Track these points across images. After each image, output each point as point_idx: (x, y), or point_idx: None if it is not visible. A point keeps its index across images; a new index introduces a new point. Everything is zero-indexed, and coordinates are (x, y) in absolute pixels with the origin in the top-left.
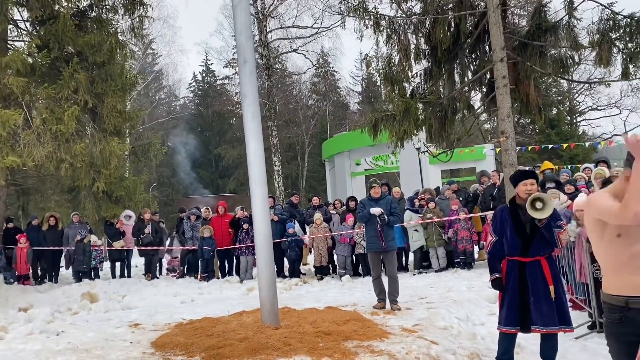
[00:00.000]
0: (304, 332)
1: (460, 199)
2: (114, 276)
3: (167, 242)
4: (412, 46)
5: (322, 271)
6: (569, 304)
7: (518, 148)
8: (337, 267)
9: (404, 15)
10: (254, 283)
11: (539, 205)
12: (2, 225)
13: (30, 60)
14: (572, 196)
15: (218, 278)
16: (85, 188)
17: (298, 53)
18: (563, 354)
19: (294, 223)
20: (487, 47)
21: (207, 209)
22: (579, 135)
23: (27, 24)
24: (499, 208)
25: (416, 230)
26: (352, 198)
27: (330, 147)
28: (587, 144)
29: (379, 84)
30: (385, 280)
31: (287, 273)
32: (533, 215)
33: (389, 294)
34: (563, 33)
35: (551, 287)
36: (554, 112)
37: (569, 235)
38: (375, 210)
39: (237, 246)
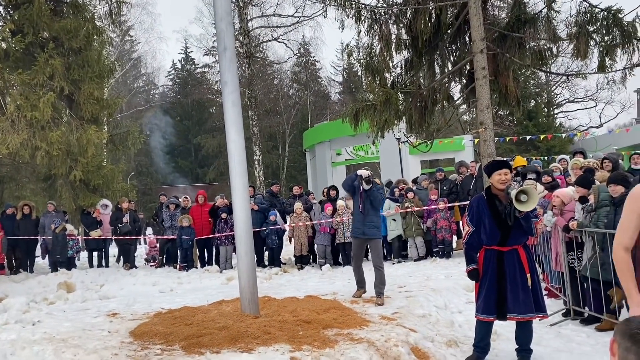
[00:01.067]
0: (284, 321)
1: (445, 188)
2: (91, 266)
3: (148, 231)
4: (393, 36)
5: (302, 260)
6: (544, 292)
7: (496, 139)
8: (317, 256)
9: (385, 5)
10: (234, 272)
11: (523, 197)
12: None
13: (3, 45)
14: (549, 186)
15: (197, 268)
16: (62, 176)
17: (279, 42)
18: (538, 340)
19: (275, 212)
20: (467, 39)
21: (185, 198)
22: (556, 127)
23: (1, 8)
24: (475, 198)
25: (394, 219)
26: (333, 187)
27: (311, 137)
28: (564, 135)
29: (360, 74)
30: (366, 268)
31: (267, 262)
32: (519, 208)
33: (374, 285)
34: (542, 25)
35: (528, 276)
36: (532, 104)
37: (545, 225)
38: (363, 172)
39: (217, 235)
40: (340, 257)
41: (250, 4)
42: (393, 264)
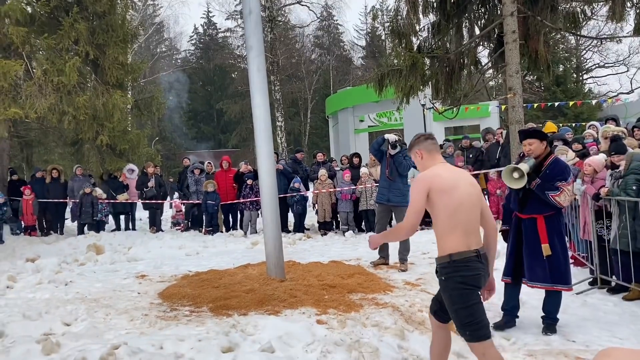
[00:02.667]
0: (309, 285)
1: (470, 155)
2: (118, 229)
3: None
4: None
5: (325, 227)
6: (570, 260)
7: (524, 105)
8: (340, 223)
9: None
10: (258, 237)
11: (516, 175)
12: (7, 177)
13: (29, 9)
14: (580, 154)
15: (222, 232)
16: (89, 141)
17: (302, 5)
18: (563, 309)
19: (299, 179)
20: (496, 1)
21: (209, 163)
22: (584, 93)
23: None
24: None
25: None
26: (356, 154)
27: (334, 103)
28: (593, 101)
29: (384, 38)
30: None
31: (290, 228)
32: (507, 184)
33: (398, 252)
34: None
35: (544, 246)
36: (561, 69)
37: (574, 194)
38: (390, 136)
39: (241, 201)
40: (363, 224)
41: None
42: (417, 230)
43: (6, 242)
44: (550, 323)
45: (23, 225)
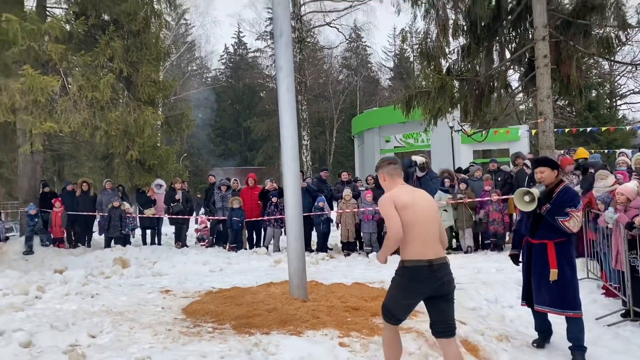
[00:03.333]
0: (332, 306)
1: (499, 179)
2: (144, 243)
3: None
4: (451, 21)
5: (349, 247)
6: (602, 290)
7: (555, 130)
8: (364, 244)
9: None
10: (281, 255)
11: (527, 198)
12: (39, 189)
13: (68, 27)
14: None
15: (246, 249)
16: (119, 156)
17: (331, 27)
18: (595, 340)
19: (324, 198)
20: (528, 25)
21: (235, 180)
22: (618, 119)
23: None
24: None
25: (445, 210)
26: None
27: (360, 123)
28: (627, 128)
29: (412, 59)
30: None
31: (313, 247)
32: (517, 206)
33: None
34: (610, 12)
35: (553, 271)
36: (594, 94)
37: (607, 222)
38: (418, 158)
39: (266, 218)
40: None
41: None
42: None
43: (36, 252)
44: (577, 351)
45: (52, 237)
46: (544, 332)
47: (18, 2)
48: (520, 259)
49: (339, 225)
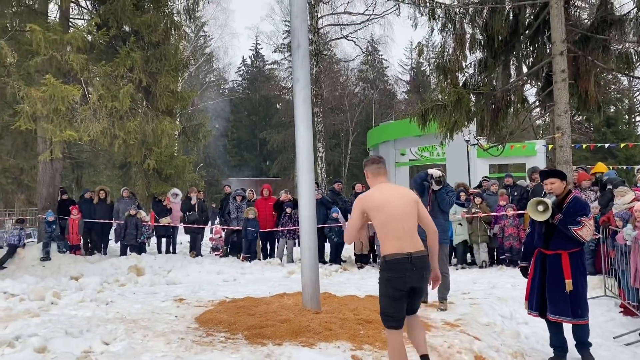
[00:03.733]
0: (345, 319)
1: (515, 194)
2: (159, 252)
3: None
4: (468, 36)
5: (362, 259)
6: (619, 309)
7: (572, 146)
8: (377, 256)
9: (460, 4)
10: (295, 267)
11: (540, 208)
12: (58, 196)
13: (89, 38)
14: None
15: (260, 259)
16: (137, 165)
17: (348, 40)
18: (612, 359)
19: (337, 209)
20: (546, 40)
21: (251, 191)
22: (637, 135)
23: (88, 3)
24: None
25: (460, 224)
26: None
27: (376, 136)
28: None
29: (428, 73)
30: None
31: (327, 259)
32: (531, 216)
33: (438, 290)
34: (630, 27)
35: (568, 281)
36: (612, 110)
37: (625, 239)
38: (434, 171)
39: (280, 229)
40: None
41: (322, 2)
42: (457, 269)
43: (53, 259)
44: (584, 351)
45: (69, 244)
46: (559, 348)
47: (42, 13)
48: (531, 270)
49: None
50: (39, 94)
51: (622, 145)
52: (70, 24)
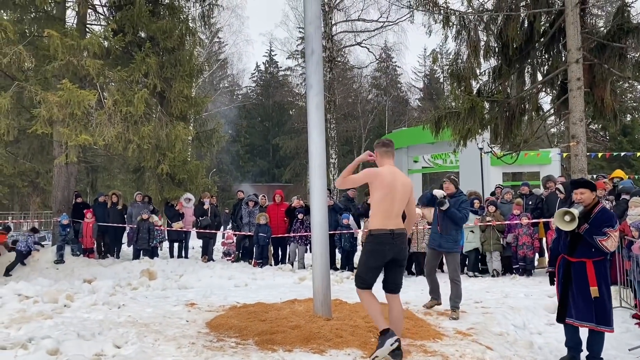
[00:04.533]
0: (356, 326)
1: (530, 202)
2: (172, 256)
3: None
4: (482, 43)
5: None
6: (635, 320)
7: (587, 154)
8: None
9: (475, 11)
10: (306, 273)
11: (567, 218)
12: (72, 200)
13: (106, 43)
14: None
15: (271, 265)
16: (150, 169)
17: (362, 46)
18: None
19: (349, 215)
20: (561, 47)
21: (263, 196)
22: None
23: (105, 9)
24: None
25: (472, 231)
26: None
27: None
28: None
29: (442, 80)
30: (441, 281)
31: (338, 265)
32: (558, 225)
33: (450, 298)
34: None
35: (593, 288)
36: (628, 118)
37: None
38: (438, 192)
39: (292, 235)
40: (413, 266)
41: (336, 9)
42: (469, 276)
43: (67, 262)
44: (578, 354)
45: (82, 247)
46: (574, 348)
47: (59, 19)
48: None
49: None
50: (55, 98)
51: (639, 154)
52: (87, 29)
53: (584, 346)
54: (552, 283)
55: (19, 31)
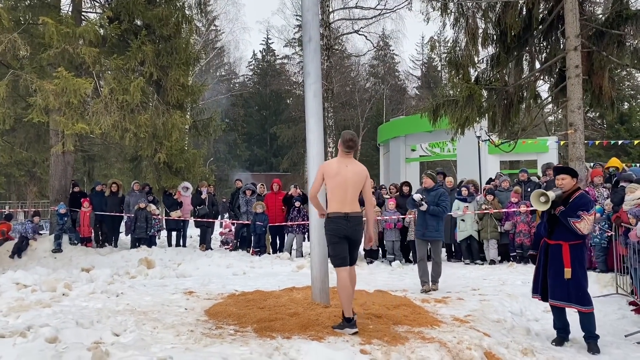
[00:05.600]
0: (354, 313)
1: (528, 189)
2: (170, 245)
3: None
4: (480, 31)
5: (371, 255)
6: (631, 306)
7: (584, 142)
8: (387, 252)
9: None
10: (304, 261)
11: (542, 199)
12: (69, 189)
13: (101, 31)
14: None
15: (269, 253)
16: (147, 158)
17: (359, 34)
18: (623, 358)
19: None
20: (560, 35)
21: (262, 185)
22: None
23: None
24: None
25: (462, 220)
26: (406, 183)
27: (386, 131)
28: None
29: (440, 68)
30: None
31: None
32: (534, 206)
33: (431, 275)
34: None
35: (567, 270)
36: (626, 106)
37: (638, 237)
38: (416, 196)
39: (289, 223)
40: (411, 254)
41: None
42: (466, 264)
43: (64, 251)
44: (591, 341)
45: (80, 236)
46: (561, 330)
47: (55, 7)
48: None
49: None
50: (51, 86)
51: (636, 142)
52: (82, 17)
53: (571, 328)
54: (534, 263)
55: (14, 19)
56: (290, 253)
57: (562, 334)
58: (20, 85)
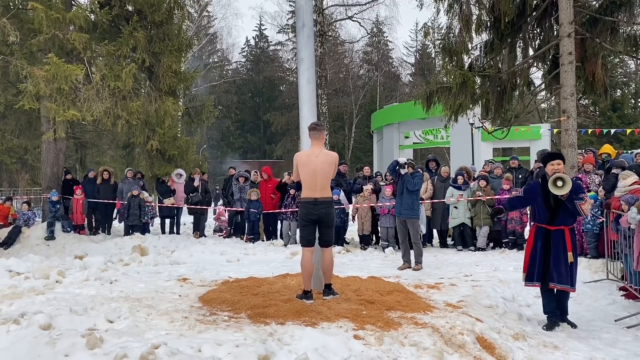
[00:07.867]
0: (347, 299)
1: (520, 176)
2: (163, 232)
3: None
4: (474, 17)
5: (365, 241)
6: (621, 292)
7: (577, 130)
8: (380, 238)
9: None
10: (298, 248)
11: (559, 183)
12: (62, 176)
13: (92, 17)
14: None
15: (263, 240)
16: (140, 145)
17: (353, 20)
18: (613, 342)
19: (340, 191)
20: (553, 21)
21: (255, 172)
22: None
23: None
24: (534, 182)
25: (455, 207)
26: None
27: (380, 119)
28: None
29: (433, 55)
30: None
31: None
32: (553, 192)
33: (414, 256)
34: (639, 8)
35: (569, 254)
36: (618, 93)
37: (629, 222)
38: (401, 159)
39: (283, 211)
40: None
41: None
42: (458, 250)
43: (57, 238)
44: (565, 315)
45: (73, 224)
46: (552, 313)
47: None
48: (529, 245)
49: (354, 218)
50: (42, 73)
51: (629, 131)
52: (72, 2)
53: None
54: (492, 218)
55: (3, 4)
56: (285, 240)
57: (555, 318)
58: (10, 71)
